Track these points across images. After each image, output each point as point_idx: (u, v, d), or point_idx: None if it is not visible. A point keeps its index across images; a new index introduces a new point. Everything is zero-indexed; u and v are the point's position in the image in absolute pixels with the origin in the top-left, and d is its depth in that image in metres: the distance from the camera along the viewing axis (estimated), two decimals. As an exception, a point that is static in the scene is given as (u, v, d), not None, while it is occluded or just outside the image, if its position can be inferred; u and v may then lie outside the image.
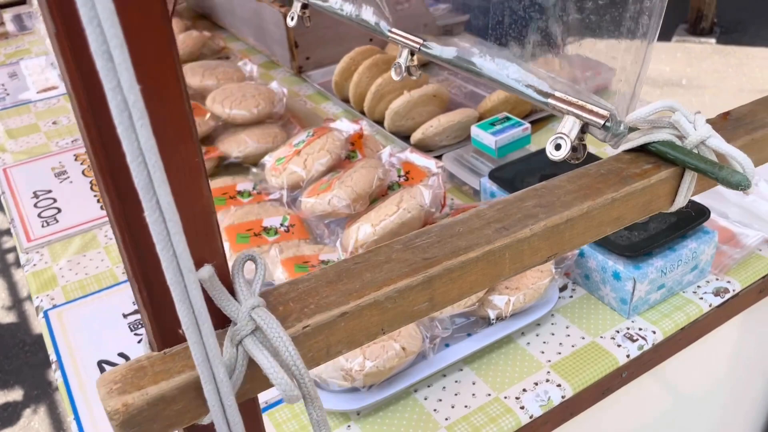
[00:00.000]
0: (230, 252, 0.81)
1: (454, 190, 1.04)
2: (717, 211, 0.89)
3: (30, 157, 1.23)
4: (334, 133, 0.95)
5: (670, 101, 0.50)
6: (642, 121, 0.51)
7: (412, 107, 1.11)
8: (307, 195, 0.87)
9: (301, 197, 0.87)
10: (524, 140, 1.02)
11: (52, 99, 1.49)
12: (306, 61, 1.44)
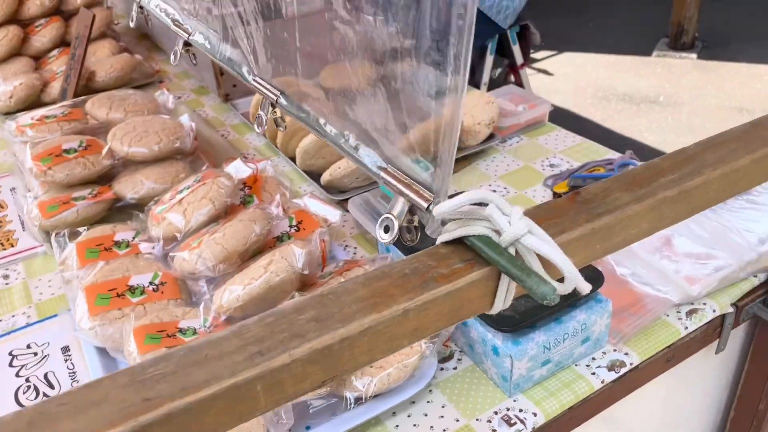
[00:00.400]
0: (88, 316, 0.75)
1: (360, 237, 0.98)
2: (624, 268, 0.83)
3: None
4: (221, 179, 0.88)
5: (484, 192, 0.44)
6: (455, 212, 0.45)
7: (321, 146, 1.04)
8: (181, 250, 0.81)
9: (174, 252, 0.81)
10: (431, 186, 0.95)
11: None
12: (233, 88, 1.38)
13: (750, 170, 0.54)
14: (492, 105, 1.13)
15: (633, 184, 0.51)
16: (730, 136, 0.57)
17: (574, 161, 1.12)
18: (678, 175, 0.52)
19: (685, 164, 0.53)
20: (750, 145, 0.55)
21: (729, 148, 0.55)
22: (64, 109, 1.17)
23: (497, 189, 1.06)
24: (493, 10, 1.85)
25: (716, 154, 0.54)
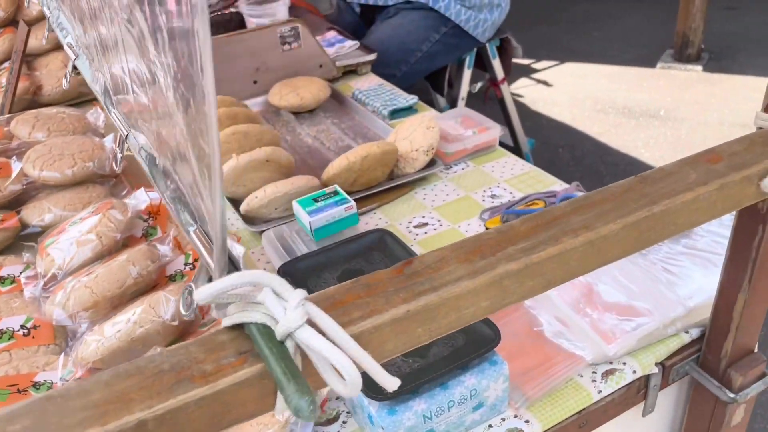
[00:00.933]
0: (-55, 362, 0.69)
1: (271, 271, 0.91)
2: (541, 317, 0.75)
3: None
4: (111, 212, 0.83)
5: (258, 274, 0.37)
6: (226, 295, 0.38)
7: (240, 173, 0.98)
8: (54, 291, 0.75)
9: (47, 294, 0.75)
10: (347, 221, 0.89)
11: None
12: (177, 105, 1.32)
13: (621, 237, 0.46)
14: (432, 131, 1.06)
15: (474, 254, 0.44)
16: (608, 194, 0.49)
17: (516, 192, 1.04)
18: (531, 243, 0.44)
19: (545, 228, 0.46)
20: (626, 206, 0.47)
21: (601, 209, 0.47)
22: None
23: (430, 221, 0.99)
24: (470, 23, 1.77)
25: (583, 216, 0.47)
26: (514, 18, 2.53)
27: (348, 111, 1.33)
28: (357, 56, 1.51)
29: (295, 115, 1.33)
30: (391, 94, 1.37)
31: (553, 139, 2.85)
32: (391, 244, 0.81)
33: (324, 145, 1.22)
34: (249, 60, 1.36)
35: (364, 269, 0.78)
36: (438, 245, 0.94)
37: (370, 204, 1.02)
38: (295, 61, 1.40)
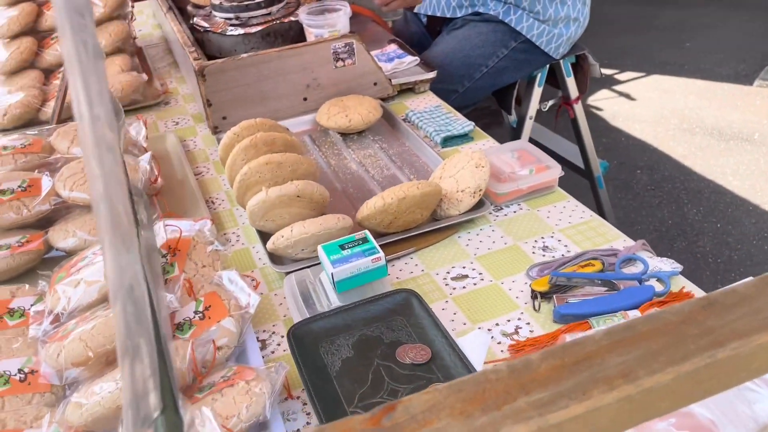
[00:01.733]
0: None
1: (289, 322, 0.84)
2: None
3: None
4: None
5: None
6: None
7: (268, 209, 0.91)
8: (53, 338, 0.70)
9: (46, 338, 0.71)
10: (374, 273, 0.81)
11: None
12: (222, 120, 1.28)
13: (671, 391, 0.36)
14: (482, 170, 0.96)
15: (474, 403, 0.35)
16: (660, 324, 0.39)
17: (572, 245, 0.93)
18: (550, 394, 0.35)
19: (571, 371, 0.36)
20: (682, 346, 0.37)
21: (647, 348, 0.37)
22: (25, 139, 1.10)
23: (471, 273, 0.89)
24: (543, 38, 1.65)
25: (623, 358, 0.36)
26: (597, 25, 2.37)
27: (398, 135, 1.25)
28: (415, 73, 1.42)
29: (342, 137, 1.26)
30: (447, 118, 1.28)
31: (632, 158, 2.66)
32: (417, 309, 0.72)
33: (369, 172, 1.14)
34: (300, 76, 1.30)
35: (383, 337, 0.70)
36: (475, 304, 0.85)
37: (406, 247, 0.94)
38: (348, 78, 1.33)
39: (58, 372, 0.65)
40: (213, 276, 0.81)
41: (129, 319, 0.32)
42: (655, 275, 0.84)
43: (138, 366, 0.33)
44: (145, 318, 0.35)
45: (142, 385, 0.33)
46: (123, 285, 0.32)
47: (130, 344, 0.33)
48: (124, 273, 0.31)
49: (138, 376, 0.31)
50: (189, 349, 0.64)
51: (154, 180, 1.06)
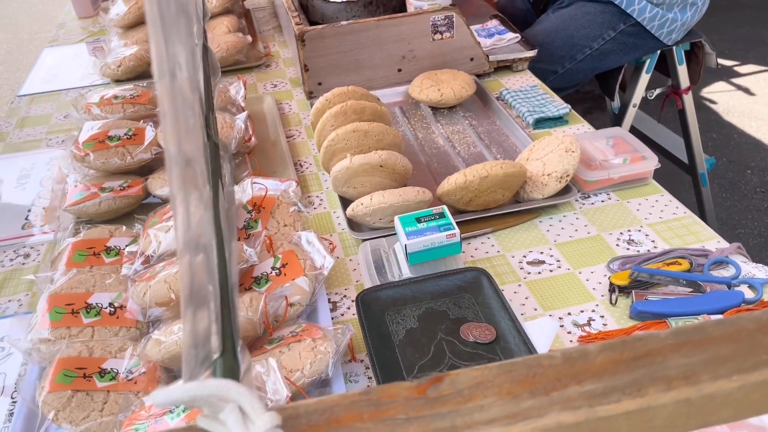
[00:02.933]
0: (38, 329, 0.73)
1: (360, 288, 0.85)
2: None
3: (22, 152, 1.25)
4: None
5: (226, 385, 0.31)
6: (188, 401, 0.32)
7: (351, 176, 0.93)
8: (141, 277, 0.75)
9: (135, 278, 0.76)
10: (448, 249, 0.80)
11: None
12: (318, 86, 1.30)
13: (734, 400, 0.34)
14: (571, 155, 0.93)
15: (523, 385, 0.34)
16: (732, 330, 0.36)
17: (661, 241, 0.88)
18: (603, 386, 0.34)
19: (629, 366, 0.35)
20: (753, 355, 0.35)
21: (715, 352, 0.35)
22: (135, 90, 1.17)
23: (548, 260, 0.87)
24: (655, 22, 1.56)
25: (687, 359, 0.35)
26: (719, 10, 2.21)
27: (489, 113, 1.23)
28: (514, 51, 1.38)
29: (433, 111, 1.25)
30: (542, 98, 1.24)
31: (743, 157, 2.49)
32: (486, 288, 0.72)
33: (455, 148, 1.13)
34: (396, 46, 1.30)
35: (449, 312, 0.70)
36: (549, 291, 0.84)
37: (484, 227, 0.93)
38: (444, 52, 1.32)
39: (142, 309, 0.70)
40: (293, 235, 0.84)
41: (195, 270, 0.34)
42: (747, 281, 0.79)
43: (202, 312, 0.35)
44: (211, 269, 0.37)
45: (205, 329, 0.35)
46: (191, 238, 0.33)
47: (195, 293, 0.35)
48: (190, 227, 0.33)
49: (200, 321, 0.33)
50: (262, 302, 0.67)
51: (248, 139, 1.10)
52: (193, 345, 0.32)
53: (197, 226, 0.35)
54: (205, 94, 0.62)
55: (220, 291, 0.38)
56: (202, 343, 0.33)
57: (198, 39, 0.74)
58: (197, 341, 0.32)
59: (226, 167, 0.55)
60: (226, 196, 0.49)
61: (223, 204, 0.47)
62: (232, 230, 0.44)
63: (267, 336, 0.69)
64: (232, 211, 0.50)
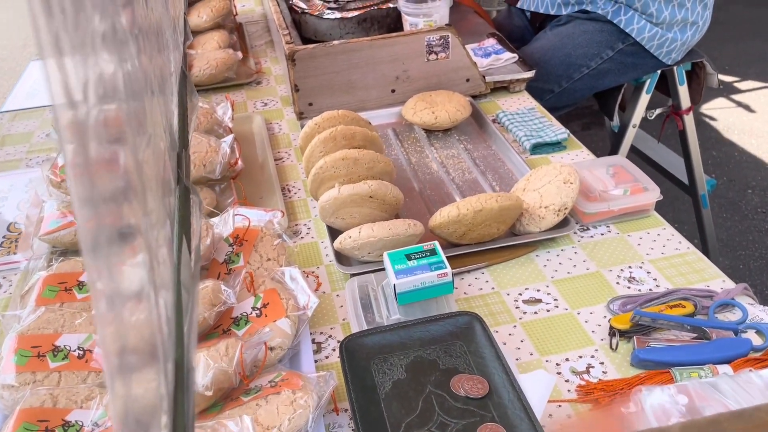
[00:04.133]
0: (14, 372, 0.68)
1: (346, 327, 0.81)
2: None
3: (1, 173, 1.20)
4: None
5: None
6: None
7: (339, 206, 0.89)
8: (113, 318, 0.71)
9: (106, 319, 0.71)
10: (439, 289, 0.76)
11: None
12: (308, 107, 1.26)
13: None
14: (570, 187, 0.89)
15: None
16: (752, 425, 0.32)
17: (663, 279, 0.84)
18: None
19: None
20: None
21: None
22: (118, 112, 1.13)
23: (545, 298, 0.83)
24: (654, 42, 1.52)
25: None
26: (719, 26, 2.18)
27: (485, 137, 1.19)
28: (512, 71, 1.35)
29: (427, 133, 1.21)
30: (540, 122, 1.20)
31: (743, 176, 2.45)
32: (479, 335, 0.67)
33: (449, 174, 1.09)
34: (390, 67, 1.26)
35: (439, 361, 0.66)
36: (546, 333, 0.79)
37: (478, 261, 0.89)
38: (439, 72, 1.28)
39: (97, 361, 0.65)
40: (276, 271, 0.80)
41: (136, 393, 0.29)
42: (754, 326, 0.75)
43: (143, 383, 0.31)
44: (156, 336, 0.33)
45: (147, 402, 0.30)
46: (118, 301, 0.29)
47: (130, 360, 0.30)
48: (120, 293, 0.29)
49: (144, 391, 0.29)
50: (238, 351, 0.63)
51: (234, 163, 1.06)
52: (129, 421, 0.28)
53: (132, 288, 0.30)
54: (180, 130, 0.58)
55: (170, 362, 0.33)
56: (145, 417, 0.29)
57: (176, 65, 0.70)
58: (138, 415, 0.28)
59: (196, 213, 0.51)
60: (193, 253, 0.44)
61: (187, 267, 0.43)
62: (193, 300, 0.40)
63: (243, 386, 0.65)
64: (197, 272, 0.46)
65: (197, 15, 1.59)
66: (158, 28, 0.55)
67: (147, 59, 0.47)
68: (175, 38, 0.69)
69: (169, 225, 0.45)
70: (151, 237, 0.36)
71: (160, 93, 0.52)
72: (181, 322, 0.38)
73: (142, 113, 0.43)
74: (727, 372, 0.67)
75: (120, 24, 0.37)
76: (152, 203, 0.40)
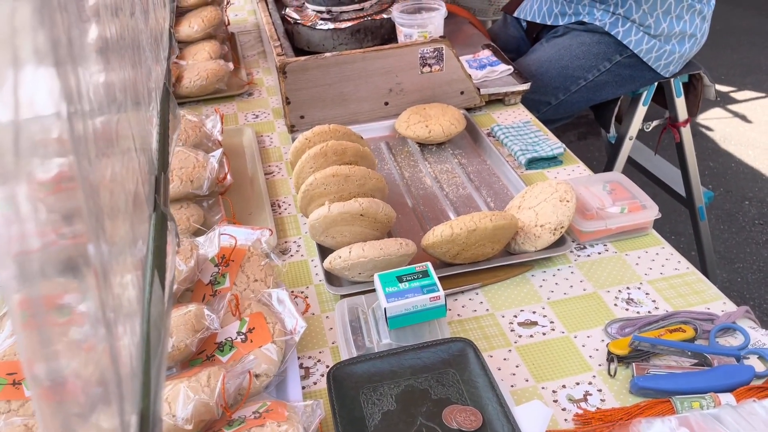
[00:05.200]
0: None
1: (335, 351, 0.78)
2: None
3: None
4: (174, 258, 0.74)
5: None
6: None
7: (329, 225, 0.86)
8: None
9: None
10: (431, 313, 0.74)
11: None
12: (300, 119, 1.24)
13: None
14: (566, 205, 0.86)
15: None
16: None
17: (662, 300, 0.82)
18: None
19: None
20: None
21: None
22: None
23: (540, 321, 0.81)
24: (652, 54, 1.50)
25: None
26: (717, 36, 2.16)
27: (480, 151, 1.17)
28: (507, 84, 1.33)
29: (420, 147, 1.19)
30: (536, 136, 1.18)
31: (740, 188, 2.44)
32: (472, 363, 0.65)
33: (443, 189, 1.07)
34: (383, 79, 1.23)
35: (430, 391, 0.63)
36: (542, 358, 0.76)
37: (472, 281, 0.86)
38: (433, 85, 1.26)
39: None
40: (263, 293, 0.77)
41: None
42: (757, 351, 0.72)
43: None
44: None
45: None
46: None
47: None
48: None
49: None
50: (220, 382, 0.60)
51: (223, 178, 1.03)
52: None
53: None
54: (159, 151, 0.56)
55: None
56: None
57: (158, 81, 0.67)
58: None
59: (172, 242, 0.48)
60: (167, 289, 0.42)
61: (158, 304, 0.40)
62: (163, 345, 0.37)
63: (226, 417, 0.62)
64: (170, 309, 0.43)
65: (188, 25, 1.56)
66: (133, 41, 0.53)
67: (117, 74, 0.45)
68: (156, 53, 0.67)
69: (139, 251, 0.43)
70: (108, 266, 0.34)
71: (133, 109, 0.50)
72: (149, 368, 0.35)
73: (108, 131, 0.41)
74: (730, 401, 0.64)
75: (76, 37, 0.34)
76: (114, 229, 0.38)
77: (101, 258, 0.33)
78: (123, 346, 0.35)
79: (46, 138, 0.29)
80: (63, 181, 0.30)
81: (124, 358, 0.34)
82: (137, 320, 0.38)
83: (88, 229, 0.32)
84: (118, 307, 0.35)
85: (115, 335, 0.33)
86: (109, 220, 0.38)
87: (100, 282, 0.32)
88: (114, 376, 0.32)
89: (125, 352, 0.35)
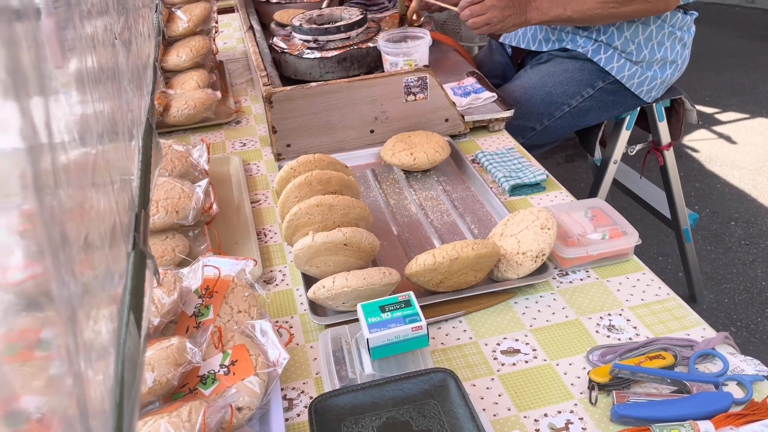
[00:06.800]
0: None
1: (318, 382, 0.79)
2: None
3: None
4: (156, 290, 0.75)
5: None
6: None
7: (313, 254, 0.87)
8: (73, 378, 0.68)
9: (67, 379, 0.69)
10: (414, 343, 0.74)
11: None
12: (286, 148, 1.25)
13: None
14: (547, 233, 0.88)
15: None
16: None
17: (642, 327, 0.83)
18: None
19: None
20: None
21: None
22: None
23: (523, 348, 0.81)
24: (634, 80, 1.53)
25: None
26: (700, 58, 2.20)
27: (464, 178, 1.18)
28: (491, 111, 1.34)
29: (406, 174, 1.20)
30: (519, 163, 1.19)
31: (726, 208, 2.46)
32: (453, 395, 0.65)
33: (428, 217, 1.08)
34: (369, 108, 1.25)
35: (412, 423, 0.63)
36: (524, 387, 0.77)
37: (456, 309, 0.87)
38: (418, 113, 1.27)
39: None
40: (246, 324, 0.78)
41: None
42: (735, 378, 0.73)
43: None
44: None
45: None
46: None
47: None
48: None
49: None
50: (201, 417, 0.60)
51: (209, 207, 1.04)
52: None
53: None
54: (140, 188, 0.56)
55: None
56: None
57: (140, 115, 0.68)
58: None
59: (150, 280, 0.49)
60: (143, 330, 0.42)
61: (133, 344, 0.41)
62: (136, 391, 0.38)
63: (208, 452, 0.62)
64: (144, 348, 0.44)
65: (176, 55, 1.58)
66: (113, 74, 0.53)
67: (93, 107, 0.45)
68: (139, 86, 0.68)
69: (115, 288, 0.43)
70: (77, 303, 0.34)
71: (111, 143, 0.51)
72: (122, 410, 0.35)
73: (83, 165, 0.41)
74: (709, 429, 0.65)
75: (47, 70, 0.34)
76: (85, 266, 0.38)
77: (68, 295, 0.33)
78: (93, 385, 0.35)
79: (7, 172, 0.28)
80: (24, 216, 0.31)
81: (94, 398, 0.35)
82: (111, 359, 0.38)
83: (52, 266, 0.32)
84: (89, 345, 0.35)
85: (84, 375, 0.34)
86: (83, 255, 0.38)
87: (66, 319, 0.32)
88: (81, 417, 0.32)
89: (96, 392, 0.35)
